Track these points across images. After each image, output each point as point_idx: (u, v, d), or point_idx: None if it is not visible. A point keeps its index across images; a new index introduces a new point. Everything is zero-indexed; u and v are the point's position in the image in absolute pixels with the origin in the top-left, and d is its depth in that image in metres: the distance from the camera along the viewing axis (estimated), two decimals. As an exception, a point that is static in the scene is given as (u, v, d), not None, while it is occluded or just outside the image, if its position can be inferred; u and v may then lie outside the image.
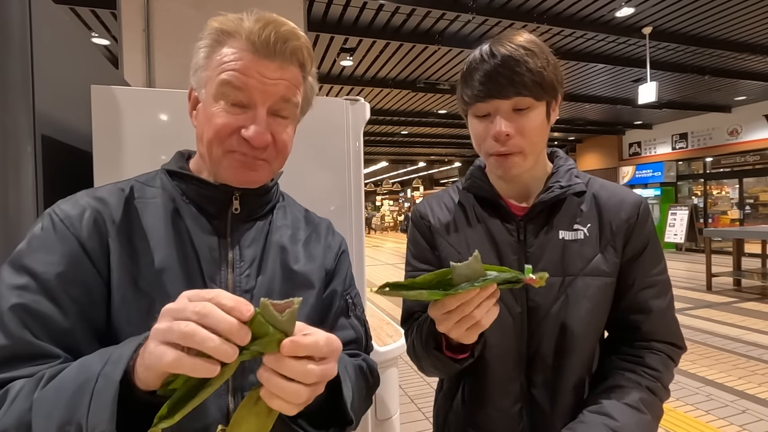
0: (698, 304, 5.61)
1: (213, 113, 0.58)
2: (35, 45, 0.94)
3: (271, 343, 0.41)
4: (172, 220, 0.60)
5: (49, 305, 0.51)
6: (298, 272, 0.66)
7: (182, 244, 0.60)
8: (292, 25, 0.60)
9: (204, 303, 0.39)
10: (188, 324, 0.38)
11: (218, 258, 0.61)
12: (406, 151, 16.30)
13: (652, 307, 0.77)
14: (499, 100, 0.71)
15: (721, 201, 11.38)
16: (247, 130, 0.57)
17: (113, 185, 0.63)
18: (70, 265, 0.53)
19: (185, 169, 0.65)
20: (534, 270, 0.75)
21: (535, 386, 0.77)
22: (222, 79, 0.57)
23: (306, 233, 0.72)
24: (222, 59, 0.58)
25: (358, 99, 1.40)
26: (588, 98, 8.96)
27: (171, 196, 0.63)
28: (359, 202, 1.41)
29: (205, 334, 0.38)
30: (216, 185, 0.62)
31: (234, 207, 0.63)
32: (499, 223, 0.79)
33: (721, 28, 5.70)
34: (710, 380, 3.30)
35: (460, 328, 0.60)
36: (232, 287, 0.61)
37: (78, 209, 0.57)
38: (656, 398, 0.73)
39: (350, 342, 0.70)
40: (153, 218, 0.60)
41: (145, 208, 0.60)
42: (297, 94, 0.62)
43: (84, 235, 0.55)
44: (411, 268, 0.86)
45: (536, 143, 0.74)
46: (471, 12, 4.87)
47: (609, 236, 0.77)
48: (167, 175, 0.65)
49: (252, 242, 0.65)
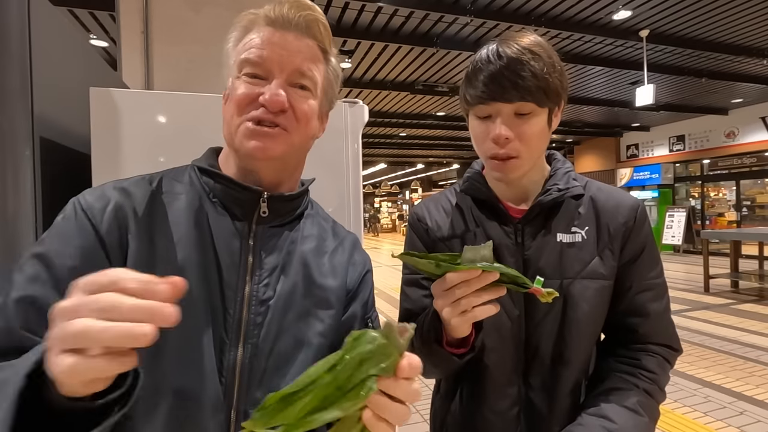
0: (696, 305, 5.62)
1: (234, 87, 0.58)
2: (34, 47, 0.94)
3: (392, 366, 0.40)
4: (195, 218, 0.58)
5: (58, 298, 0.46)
6: (320, 287, 0.63)
7: (203, 244, 0.58)
8: (312, 3, 0.60)
9: (104, 295, 0.33)
10: (79, 321, 0.32)
11: (238, 263, 0.59)
12: (405, 153, 16.31)
13: (649, 310, 0.77)
14: (502, 103, 0.70)
15: (718, 203, 11.42)
16: (264, 94, 0.57)
17: (141, 178, 0.61)
18: (84, 259, 0.52)
19: (215, 166, 0.63)
20: (532, 269, 0.76)
21: (533, 389, 0.77)
22: (242, 58, 0.58)
23: (332, 246, 0.69)
24: (244, 43, 0.59)
25: (356, 101, 1.40)
26: (586, 100, 8.99)
27: (197, 193, 0.61)
28: (358, 204, 1.41)
29: (101, 326, 0.32)
30: (244, 186, 0.60)
31: (261, 210, 0.61)
32: (497, 225, 0.79)
33: (717, 31, 5.73)
34: (708, 382, 3.30)
35: (455, 310, 0.60)
36: (249, 296, 0.58)
37: (102, 201, 0.56)
38: (653, 400, 0.74)
39: None
40: (177, 215, 0.58)
41: (171, 203, 0.59)
42: (314, 69, 0.60)
43: (104, 228, 0.54)
44: (408, 270, 0.86)
45: (535, 149, 0.74)
46: (469, 14, 4.89)
47: (606, 239, 0.77)
48: (196, 172, 0.63)
49: (275, 249, 0.62)
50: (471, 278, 0.58)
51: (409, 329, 0.41)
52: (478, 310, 0.60)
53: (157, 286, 0.34)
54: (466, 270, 0.58)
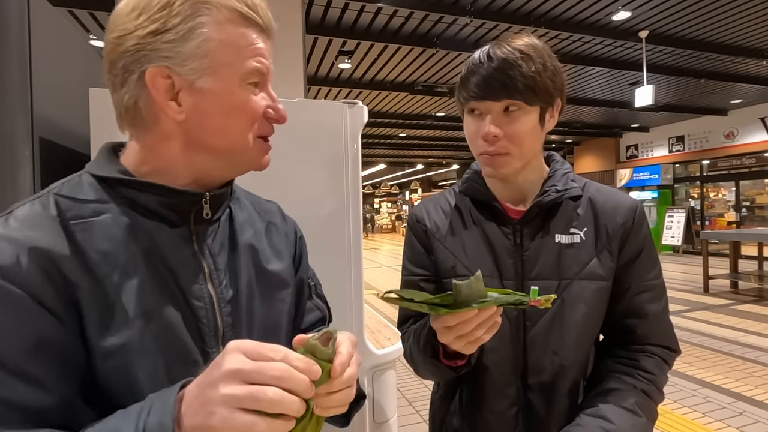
0: (695, 306, 5.62)
1: (245, 100, 0.54)
2: (34, 47, 0.94)
3: (326, 377, 0.43)
4: (132, 238, 0.51)
5: (24, 387, 0.42)
6: (272, 272, 0.64)
7: (152, 263, 0.52)
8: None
9: (282, 366, 0.39)
10: (275, 391, 0.38)
11: (194, 271, 0.55)
12: (405, 153, 16.32)
13: (647, 311, 0.77)
14: (491, 101, 0.72)
15: (717, 203, 11.42)
16: (278, 111, 0.57)
17: (29, 207, 0.49)
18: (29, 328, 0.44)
19: (127, 172, 0.54)
20: (531, 274, 0.76)
21: (531, 390, 0.77)
22: (253, 67, 0.54)
23: (263, 224, 0.67)
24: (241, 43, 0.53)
25: (356, 102, 1.40)
26: (585, 101, 8.99)
27: (119, 208, 0.52)
28: (357, 205, 1.41)
29: (291, 398, 0.38)
30: (182, 191, 0.54)
31: (205, 212, 0.56)
32: (496, 226, 0.79)
33: (717, 32, 5.74)
34: (707, 382, 3.30)
35: (459, 343, 0.61)
36: (217, 301, 0.56)
37: (9, 257, 0.44)
38: (651, 401, 0.74)
39: (317, 321, 0.72)
40: (107, 242, 0.50)
41: (90, 230, 0.49)
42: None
43: (33, 287, 0.44)
44: (407, 272, 0.86)
45: (525, 147, 0.75)
46: (468, 15, 4.89)
47: (605, 240, 0.77)
48: (104, 183, 0.53)
49: (221, 247, 0.59)
50: (470, 318, 0.58)
51: (332, 335, 0.45)
52: (484, 336, 0.61)
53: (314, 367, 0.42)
54: (464, 311, 0.58)
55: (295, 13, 2.49)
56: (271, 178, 0.71)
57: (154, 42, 0.50)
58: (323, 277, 0.78)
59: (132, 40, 0.50)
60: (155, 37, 0.50)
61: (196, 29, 0.50)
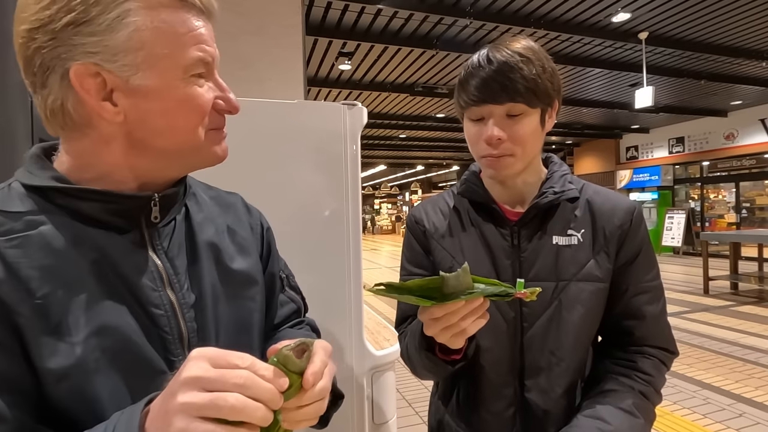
0: (695, 307, 5.62)
1: (191, 95, 0.49)
2: (34, 49, 0.94)
3: (296, 389, 0.42)
4: (76, 249, 0.46)
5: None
6: (237, 271, 0.60)
7: (102, 274, 0.47)
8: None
9: (245, 373, 0.37)
10: (237, 397, 0.36)
11: (150, 278, 0.51)
12: (405, 154, 16.32)
13: (645, 312, 0.78)
14: (492, 105, 0.72)
15: (717, 205, 11.43)
16: (229, 102, 0.53)
17: None
18: None
19: (63, 180, 0.49)
20: (528, 275, 0.76)
21: (529, 391, 0.77)
22: (196, 56, 0.48)
23: (225, 220, 0.63)
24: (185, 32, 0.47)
25: (355, 104, 1.41)
26: (585, 102, 9.00)
27: (58, 219, 0.47)
28: (356, 206, 1.41)
29: (254, 405, 0.36)
30: (128, 195, 0.50)
31: (153, 215, 0.52)
32: (493, 227, 0.80)
33: (716, 33, 5.74)
34: (707, 384, 3.30)
35: (445, 335, 0.61)
36: (179, 307, 0.52)
37: None
38: (649, 402, 0.74)
39: (292, 314, 0.71)
40: (46, 257, 0.45)
41: (25, 246, 0.44)
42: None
43: None
44: (405, 272, 0.87)
45: (528, 149, 0.75)
46: (468, 17, 4.90)
47: (602, 242, 0.78)
48: (37, 192, 0.48)
49: (179, 249, 0.55)
50: (456, 309, 0.58)
51: (307, 347, 0.43)
52: (470, 327, 0.61)
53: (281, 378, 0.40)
54: (450, 303, 0.58)
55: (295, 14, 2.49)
56: (271, 179, 0.71)
57: (75, 35, 0.43)
58: (323, 277, 0.78)
59: (47, 34, 0.43)
60: (75, 29, 0.43)
61: (124, 18, 0.44)
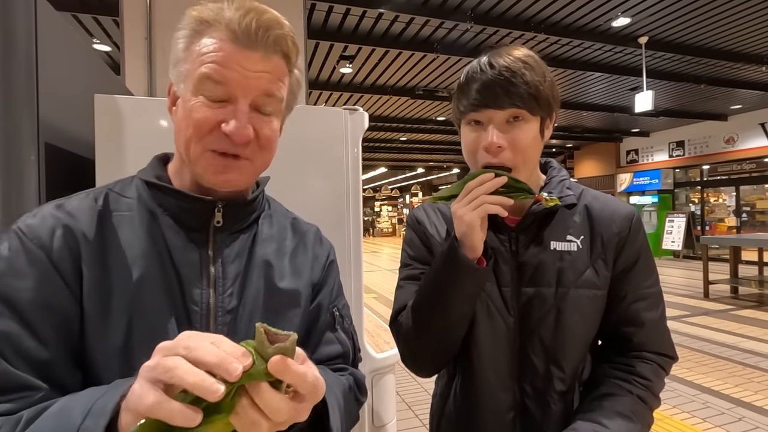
0: (695, 311, 5.62)
1: (192, 108, 0.53)
2: (40, 53, 0.95)
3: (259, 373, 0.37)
4: (149, 235, 0.55)
5: (26, 334, 0.47)
6: (283, 290, 0.62)
7: (161, 261, 0.54)
8: (276, 13, 0.55)
9: (198, 340, 0.37)
10: (174, 358, 0.36)
11: (199, 275, 0.56)
12: (405, 157, 16.34)
13: (644, 319, 0.78)
14: (494, 110, 0.71)
15: (718, 208, 11.43)
16: (228, 124, 0.52)
17: (84, 196, 0.57)
18: (44, 289, 0.49)
19: (163, 179, 0.59)
20: (527, 281, 0.77)
21: (527, 395, 0.78)
22: (201, 73, 0.52)
23: (293, 244, 0.67)
24: (201, 50, 0.53)
25: (356, 108, 1.42)
26: (585, 106, 9.01)
27: (147, 207, 0.57)
28: (357, 209, 1.42)
29: (188, 367, 0.35)
30: (196, 197, 0.57)
31: (216, 219, 0.58)
32: (492, 233, 0.79)
33: (716, 38, 5.76)
34: (707, 388, 3.30)
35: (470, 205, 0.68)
36: (214, 308, 0.56)
37: (47, 226, 0.51)
38: (646, 406, 0.75)
39: (336, 357, 0.67)
40: (129, 234, 0.55)
41: (120, 222, 0.55)
42: (281, 87, 0.57)
43: (55, 256, 0.50)
44: (409, 267, 0.86)
45: (529, 158, 0.74)
46: (469, 21, 4.92)
47: (600, 249, 0.78)
48: (144, 184, 0.59)
49: (235, 257, 0.59)
50: (486, 180, 0.69)
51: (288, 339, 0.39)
52: (489, 201, 0.68)
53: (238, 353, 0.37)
54: (481, 175, 0.70)
55: (297, 18, 2.51)
56: (273, 182, 0.72)
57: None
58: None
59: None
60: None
61: (180, 38, 0.56)
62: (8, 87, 0.91)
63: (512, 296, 0.77)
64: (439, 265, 0.74)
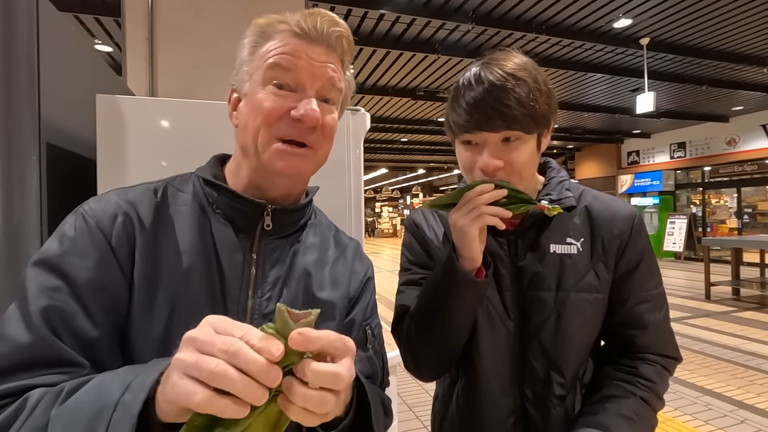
0: (697, 313, 5.60)
1: (261, 99, 0.56)
2: (42, 54, 0.95)
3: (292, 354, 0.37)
4: (199, 229, 0.58)
5: (81, 312, 0.49)
6: (320, 300, 0.62)
7: (207, 256, 0.57)
8: (335, 15, 0.59)
9: (233, 340, 0.36)
10: (219, 363, 0.35)
11: (240, 276, 0.58)
12: (406, 158, 16.34)
13: (647, 321, 0.77)
14: (488, 132, 0.69)
15: (719, 210, 11.41)
16: (297, 109, 0.55)
17: (146, 187, 0.60)
18: (102, 271, 0.51)
19: (219, 177, 0.62)
20: (526, 284, 0.76)
21: (528, 400, 0.77)
22: (271, 62, 0.55)
23: (334, 256, 0.68)
24: (269, 49, 0.57)
25: (358, 109, 1.42)
26: (587, 107, 9.01)
27: (200, 204, 0.60)
28: (359, 209, 1.42)
29: (236, 376, 0.35)
30: (248, 199, 0.59)
31: (265, 223, 0.60)
32: (491, 237, 0.78)
33: (718, 39, 5.76)
34: (709, 390, 3.29)
35: (469, 215, 0.67)
36: (251, 310, 0.57)
37: (110, 212, 0.55)
38: (650, 408, 0.74)
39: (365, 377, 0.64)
40: (182, 227, 0.57)
41: (175, 215, 0.58)
42: (342, 79, 0.60)
43: (114, 241, 0.53)
44: (409, 272, 0.86)
45: (525, 174, 0.73)
46: (470, 22, 4.92)
47: (600, 252, 0.77)
48: (200, 182, 0.62)
49: (278, 262, 0.61)
50: (486, 191, 0.67)
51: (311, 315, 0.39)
52: (487, 213, 0.66)
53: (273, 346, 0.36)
54: (480, 185, 0.68)
55: (299, 19, 2.53)
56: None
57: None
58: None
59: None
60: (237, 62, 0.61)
61: (246, 45, 0.59)
62: (10, 87, 0.91)
63: (512, 301, 0.77)
64: (437, 277, 0.74)
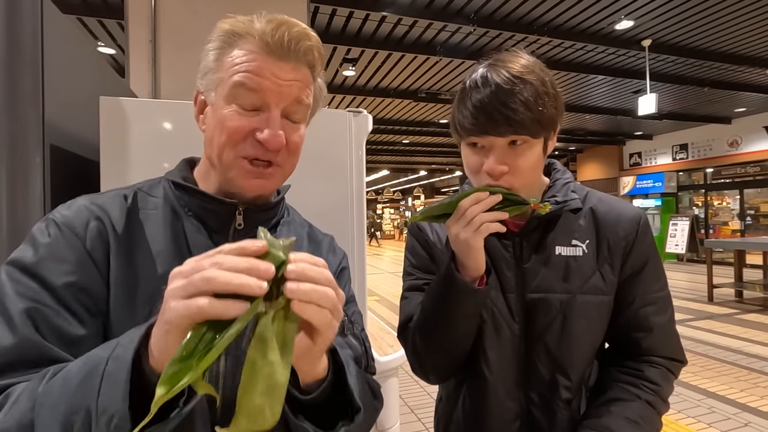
0: (699, 315, 5.58)
1: (225, 116, 0.56)
2: (46, 56, 0.96)
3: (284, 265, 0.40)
4: (172, 233, 0.59)
5: (63, 312, 0.50)
6: None
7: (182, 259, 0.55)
8: (304, 25, 0.58)
9: (216, 256, 0.38)
10: (209, 269, 0.37)
11: None
12: (408, 159, 16.35)
13: (652, 324, 0.76)
14: (494, 136, 0.68)
15: (722, 212, 11.37)
16: (262, 132, 0.55)
17: (115, 193, 0.61)
18: (80, 274, 0.52)
19: (188, 180, 0.63)
20: (532, 287, 0.76)
21: (534, 403, 0.77)
22: (235, 80, 0.55)
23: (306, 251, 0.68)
24: (234, 60, 0.56)
25: (360, 111, 1.42)
26: (589, 109, 9.01)
27: (172, 207, 0.61)
28: (361, 211, 1.42)
29: (229, 274, 0.37)
30: (219, 199, 0.60)
31: (237, 222, 0.61)
32: (495, 239, 0.77)
33: (719, 41, 5.75)
34: (712, 392, 3.27)
35: (469, 228, 0.66)
36: None
37: (83, 217, 0.56)
38: (655, 411, 0.74)
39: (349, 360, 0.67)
40: (154, 231, 0.58)
41: (147, 219, 0.59)
42: (309, 95, 0.60)
43: (89, 244, 0.54)
44: (412, 276, 0.86)
45: (531, 178, 0.73)
46: (472, 24, 4.93)
47: (606, 254, 0.76)
48: (170, 185, 0.63)
49: None
50: (481, 199, 0.66)
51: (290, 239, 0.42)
52: (488, 220, 0.66)
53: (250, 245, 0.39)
54: (475, 193, 0.68)
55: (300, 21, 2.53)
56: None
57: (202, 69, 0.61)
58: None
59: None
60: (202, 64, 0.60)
61: (211, 50, 0.59)
62: (14, 89, 0.92)
63: (517, 303, 0.76)
64: (438, 288, 0.74)
